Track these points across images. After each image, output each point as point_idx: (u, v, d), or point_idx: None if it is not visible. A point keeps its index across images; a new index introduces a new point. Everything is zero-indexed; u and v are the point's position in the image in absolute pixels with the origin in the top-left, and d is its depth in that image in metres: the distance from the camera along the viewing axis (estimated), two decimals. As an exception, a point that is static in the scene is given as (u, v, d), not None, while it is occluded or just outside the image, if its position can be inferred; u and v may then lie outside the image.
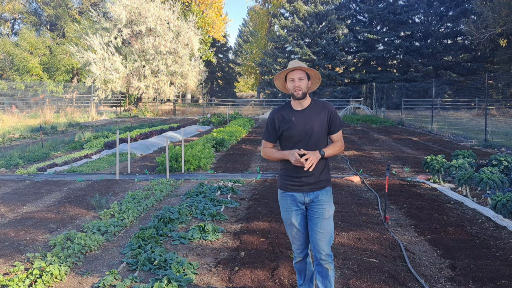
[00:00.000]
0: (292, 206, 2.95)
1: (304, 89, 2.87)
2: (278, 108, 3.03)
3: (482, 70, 34.63)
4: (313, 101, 2.97)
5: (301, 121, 2.88)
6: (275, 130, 2.96)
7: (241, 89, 69.33)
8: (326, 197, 2.94)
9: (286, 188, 2.96)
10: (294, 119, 2.89)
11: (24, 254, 4.28)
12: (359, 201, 6.28)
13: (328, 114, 2.91)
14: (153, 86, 27.25)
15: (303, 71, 2.89)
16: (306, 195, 2.92)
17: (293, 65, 2.87)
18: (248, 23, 60.03)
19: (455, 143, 13.59)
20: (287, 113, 2.93)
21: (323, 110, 2.91)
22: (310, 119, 2.88)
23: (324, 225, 2.89)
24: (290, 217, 2.97)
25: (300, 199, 2.93)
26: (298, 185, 2.91)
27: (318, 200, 2.91)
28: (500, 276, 3.63)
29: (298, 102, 2.92)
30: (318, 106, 2.94)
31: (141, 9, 26.07)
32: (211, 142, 11.61)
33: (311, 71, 2.92)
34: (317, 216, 2.90)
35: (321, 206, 2.91)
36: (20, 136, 15.55)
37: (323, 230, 2.89)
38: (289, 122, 2.89)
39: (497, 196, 5.50)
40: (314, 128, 2.86)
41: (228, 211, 5.85)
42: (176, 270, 3.70)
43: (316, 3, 37.33)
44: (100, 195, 6.51)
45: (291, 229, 3.00)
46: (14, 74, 35.02)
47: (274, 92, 38.77)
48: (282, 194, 3.01)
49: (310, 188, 2.91)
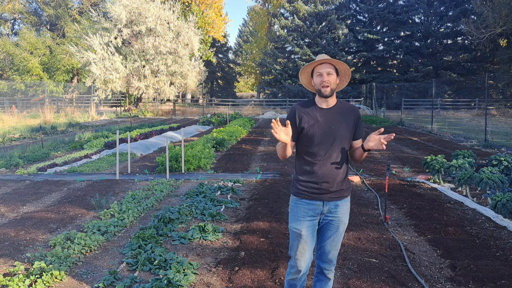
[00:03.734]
0: (306, 216, 2.63)
1: (333, 85, 2.59)
2: (301, 103, 2.70)
3: (482, 70, 34.64)
4: (338, 101, 2.69)
5: (327, 120, 2.59)
6: (295, 126, 2.62)
7: (241, 89, 69.31)
8: (345, 208, 2.68)
9: (302, 194, 2.64)
10: (319, 116, 2.60)
11: (24, 254, 4.28)
12: (359, 201, 6.28)
13: (355, 117, 2.66)
14: (153, 86, 27.24)
15: (332, 65, 2.61)
16: (325, 204, 2.62)
17: (321, 57, 2.61)
18: (248, 23, 60.07)
19: (455, 143, 13.58)
20: (311, 110, 2.63)
21: (351, 113, 2.66)
22: (337, 120, 2.60)
23: (338, 237, 2.69)
24: (301, 227, 2.63)
25: (317, 209, 2.63)
26: (318, 193, 2.61)
27: (336, 211, 2.64)
28: (500, 276, 3.63)
29: (325, 100, 2.63)
30: (346, 107, 2.68)
31: (141, 9, 26.07)
32: (211, 142, 11.60)
33: (341, 65, 2.64)
34: (332, 228, 2.67)
35: (338, 218, 2.66)
36: (20, 136, 15.55)
37: (335, 243, 2.69)
38: (313, 119, 2.60)
39: (497, 196, 5.50)
40: (339, 130, 2.59)
41: (228, 211, 5.85)
42: (176, 270, 3.70)
43: (316, 3, 37.33)
44: (100, 195, 6.51)
45: (298, 241, 2.65)
46: (14, 74, 35.01)
47: (274, 92, 38.79)
48: (296, 200, 2.68)
49: (331, 196, 2.62)
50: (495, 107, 28.44)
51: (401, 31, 37.14)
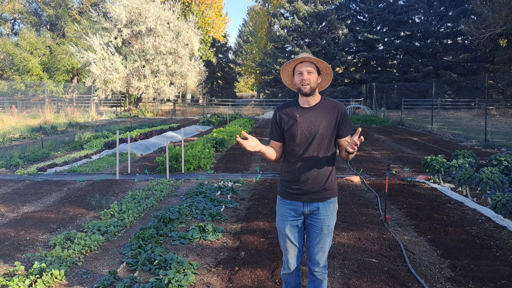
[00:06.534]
0: (288, 216, 2.66)
1: (313, 84, 2.56)
2: (284, 104, 2.73)
3: (482, 70, 34.63)
4: (323, 99, 2.67)
5: (306, 120, 2.59)
6: (279, 127, 2.67)
7: (241, 89, 69.33)
8: (328, 210, 2.64)
9: (284, 194, 2.69)
10: (298, 116, 2.60)
11: (24, 254, 4.28)
12: (359, 201, 6.28)
13: (338, 115, 2.61)
14: (153, 86, 27.25)
15: (312, 64, 2.58)
16: (305, 205, 2.62)
17: (301, 55, 2.59)
18: (248, 23, 60.02)
19: (455, 143, 13.58)
20: (292, 110, 2.64)
21: (332, 110, 2.62)
22: (317, 118, 2.59)
23: (323, 239, 2.66)
24: (285, 227, 2.68)
25: (298, 209, 2.64)
26: (298, 194, 2.62)
27: (318, 213, 2.62)
28: (500, 276, 3.63)
29: (306, 100, 2.62)
30: (328, 105, 2.64)
31: (141, 9, 26.07)
32: (211, 142, 11.60)
33: (321, 63, 2.60)
34: (315, 230, 2.65)
35: (321, 220, 2.63)
36: (20, 136, 15.55)
37: (321, 245, 2.66)
38: (292, 119, 2.61)
39: (497, 196, 5.50)
40: (319, 129, 2.56)
41: (228, 211, 5.85)
42: (176, 270, 3.70)
43: (316, 3, 37.32)
44: (100, 195, 6.51)
45: (284, 240, 2.72)
46: (14, 74, 35.01)
47: (274, 92, 38.79)
48: (280, 200, 2.74)
49: (311, 198, 2.61)
50: (495, 107, 28.44)
51: (401, 31, 37.13)
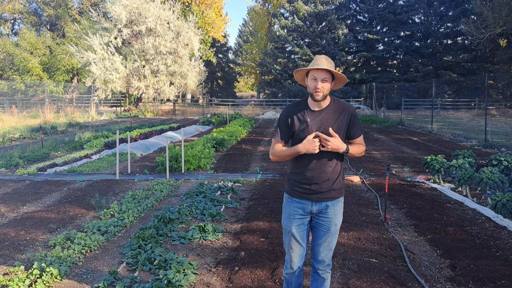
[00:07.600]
0: (296, 214, 2.69)
1: (326, 91, 2.57)
2: (293, 104, 2.72)
3: (482, 70, 34.61)
4: (332, 101, 2.67)
5: (316, 123, 2.61)
6: (288, 128, 2.68)
7: (241, 89, 69.32)
8: (336, 209, 2.68)
9: (293, 193, 2.70)
10: (309, 120, 2.61)
11: (24, 254, 4.28)
12: (359, 201, 6.28)
13: (348, 117, 2.64)
14: (153, 86, 27.24)
15: (328, 73, 2.56)
16: (314, 204, 2.66)
17: (319, 63, 2.54)
18: (248, 23, 60.03)
19: (455, 143, 13.58)
20: (302, 114, 2.64)
21: (343, 113, 2.64)
22: (327, 121, 2.61)
23: (330, 238, 2.70)
24: (291, 225, 2.70)
25: (307, 208, 2.67)
26: (307, 193, 2.65)
27: (326, 212, 2.67)
28: (500, 276, 3.63)
29: (317, 103, 2.63)
30: (338, 107, 2.65)
31: (141, 9, 26.07)
32: (211, 142, 11.60)
33: (338, 75, 2.62)
34: (323, 229, 2.69)
35: (328, 219, 2.67)
36: (20, 136, 15.55)
37: (328, 243, 2.71)
38: (303, 123, 2.62)
39: (497, 196, 5.50)
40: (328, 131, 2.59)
41: (228, 211, 5.85)
42: (176, 270, 3.70)
43: (316, 3, 37.31)
44: (100, 195, 6.51)
45: (289, 238, 2.74)
46: (14, 74, 35.00)
47: (274, 92, 38.78)
48: (287, 198, 2.75)
49: (320, 197, 2.64)
50: (495, 107, 28.44)
51: (401, 31, 37.13)
